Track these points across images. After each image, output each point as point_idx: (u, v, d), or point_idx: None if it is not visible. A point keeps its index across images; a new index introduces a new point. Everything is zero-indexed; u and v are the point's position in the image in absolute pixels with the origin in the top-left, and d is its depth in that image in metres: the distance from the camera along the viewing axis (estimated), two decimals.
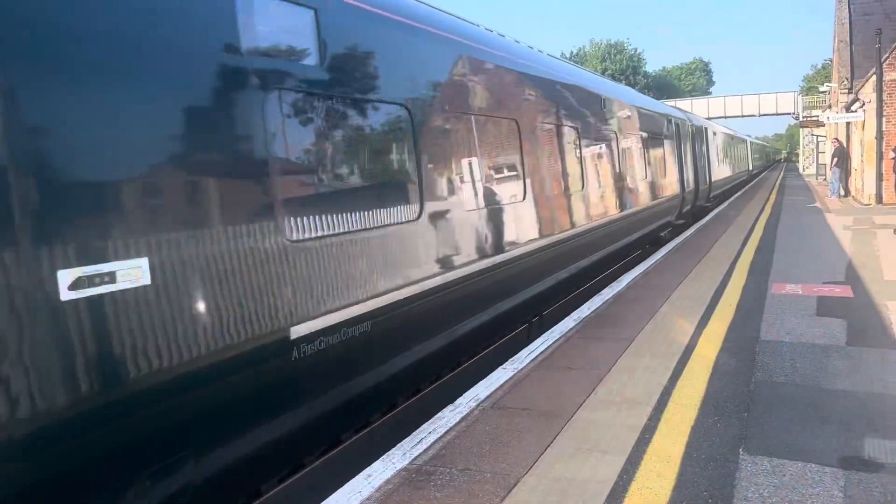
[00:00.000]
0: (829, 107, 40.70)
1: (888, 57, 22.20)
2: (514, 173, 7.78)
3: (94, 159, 3.13)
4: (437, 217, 6.00)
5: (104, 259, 3.11)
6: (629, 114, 13.89)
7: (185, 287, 3.49)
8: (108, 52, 3.22)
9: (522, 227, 7.84)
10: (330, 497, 3.94)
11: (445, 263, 6.09)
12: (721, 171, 29.82)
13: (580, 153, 10.07)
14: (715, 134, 28.94)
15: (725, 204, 26.80)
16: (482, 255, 6.78)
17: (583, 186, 10.10)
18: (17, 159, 2.81)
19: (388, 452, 4.53)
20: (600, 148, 11.57)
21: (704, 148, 23.83)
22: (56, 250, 2.93)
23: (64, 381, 2.92)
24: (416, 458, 4.42)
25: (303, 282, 4.31)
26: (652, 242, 16.10)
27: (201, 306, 3.59)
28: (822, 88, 43.80)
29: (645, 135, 14.83)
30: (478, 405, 5.34)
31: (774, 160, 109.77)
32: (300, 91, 4.43)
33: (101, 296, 3.08)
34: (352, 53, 5.06)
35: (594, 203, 10.75)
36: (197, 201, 3.64)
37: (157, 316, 3.34)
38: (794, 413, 4.94)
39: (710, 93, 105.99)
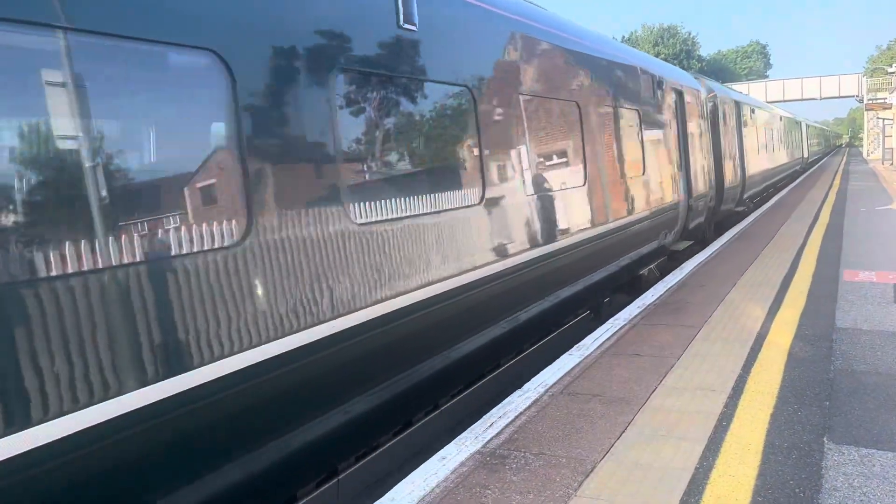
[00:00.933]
0: None
1: None
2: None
3: None
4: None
5: None
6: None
7: None
8: None
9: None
10: (407, 477, 3.95)
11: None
12: (760, 161, 22.93)
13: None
14: (753, 112, 22.61)
15: (771, 203, 21.03)
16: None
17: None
18: None
19: (461, 436, 4.53)
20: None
21: (734, 130, 17.90)
22: None
23: None
24: (488, 442, 4.40)
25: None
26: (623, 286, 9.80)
27: None
28: (890, 69, 42.02)
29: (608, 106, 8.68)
30: (546, 391, 5.30)
31: (835, 145, 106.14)
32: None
33: None
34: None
35: None
36: None
37: None
38: (879, 402, 4.75)
39: (767, 76, 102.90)
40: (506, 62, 6.32)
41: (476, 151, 5.59)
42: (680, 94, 12.25)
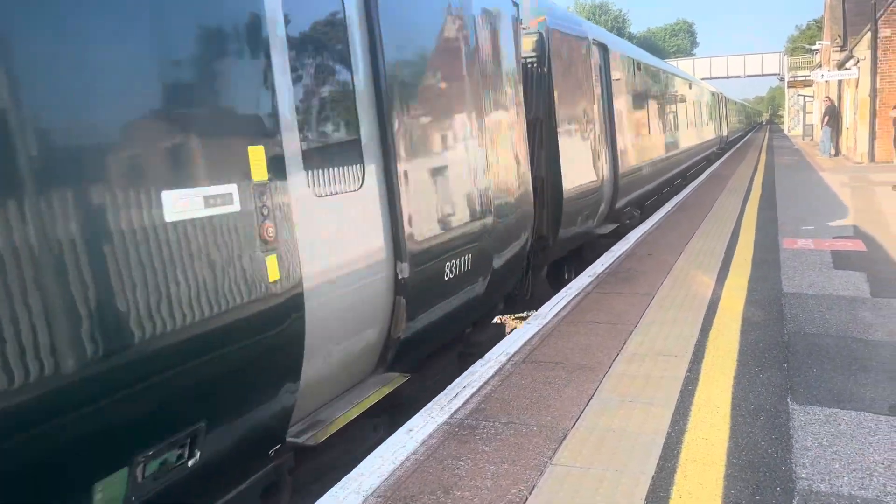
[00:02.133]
0: (819, 66, 40.59)
1: (883, 13, 22.01)
2: None
3: None
4: None
5: None
6: None
7: None
8: None
9: None
10: (375, 451, 3.79)
11: None
12: (650, 146, 14.71)
13: None
14: (639, 68, 14.22)
15: (703, 178, 17.66)
16: None
17: None
18: None
19: (426, 407, 4.39)
20: None
21: (599, 94, 10.80)
22: None
23: None
24: (455, 412, 4.27)
25: None
26: None
27: None
28: (814, 47, 43.56)
29: None
30: (508, 359, 5.20)
31: (756, 122, 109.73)
32: None
33: None
34: None
35: None
36: None
37: None
38: (835, 363, 4.84)
39: (694, 54, 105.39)
40: None
41: None
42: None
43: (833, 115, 27.61)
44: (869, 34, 22.43)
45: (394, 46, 4.57)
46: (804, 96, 52.53)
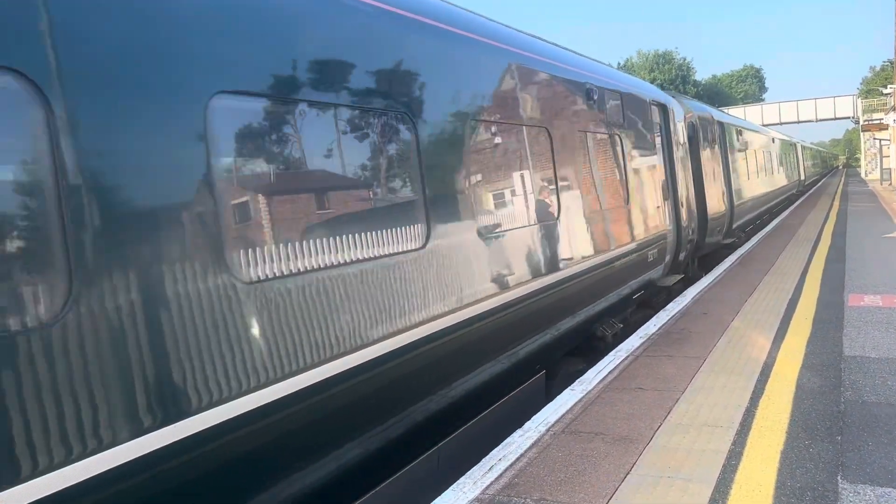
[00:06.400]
0: (894, 109, 39.24)
1: None
2: None
3: None
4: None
5: None
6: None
7: None
8: None
9: None
10: None
11: None
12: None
13: None
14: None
15: (771, 227, 19.77)
16: None
17: None
18: None
19: (459, 481, 4.34)
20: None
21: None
22: None
23: None
24: (487, 488, 4.22)
25: None
26: None
27: None
28: (885, 91, 42.23)
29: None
30: (548, 430, 5.12)
31: (832, 166, 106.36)
32: None
33: None
34: None
35: None
36: None
37: None
38: (893, 436, 4.57)
39: (763, 100, 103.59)
40: None
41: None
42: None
43: None
44: None
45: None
46: (880, 140, 50.74)
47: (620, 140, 9.05)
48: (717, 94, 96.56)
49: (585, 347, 8.06)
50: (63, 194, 2.63)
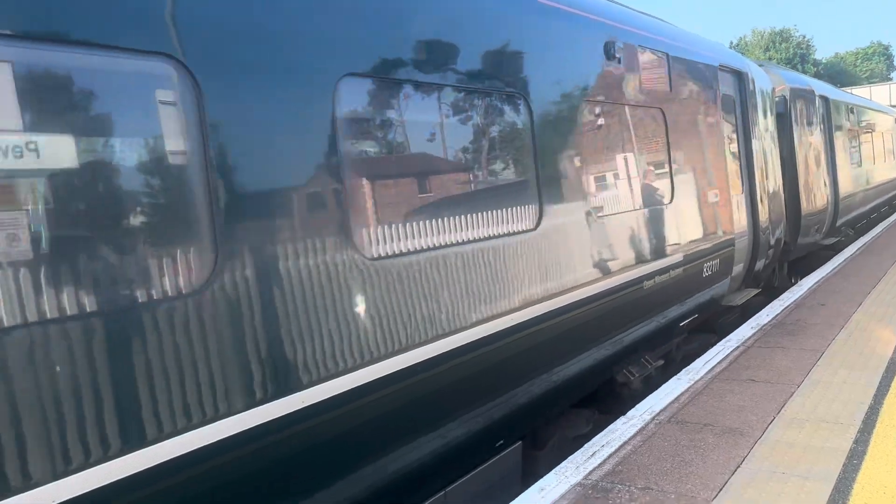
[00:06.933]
0: None
1: None
2: None
3: None
4: None
5: None
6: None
7: None
8: None
9: None
10: None
11: None
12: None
13: None
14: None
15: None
16: None
17: None
18: None
19: (560, 465, 4.31)
20: None
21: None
22: None
23: None
24: (590, 473, 4.17)
25: None
26: None
27: None
28: None
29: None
30: (653, 418, 5.00)
31: None
32: None
33: None
34: None
35: None
36: None
37: None
38: None
39: (890, 79, 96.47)
40: None
41: None
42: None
43: None
44: None
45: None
46: None
47: (664, 118, 6.56)
48: (839, 73, 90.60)
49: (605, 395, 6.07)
50: (210, 173, 2.82)
